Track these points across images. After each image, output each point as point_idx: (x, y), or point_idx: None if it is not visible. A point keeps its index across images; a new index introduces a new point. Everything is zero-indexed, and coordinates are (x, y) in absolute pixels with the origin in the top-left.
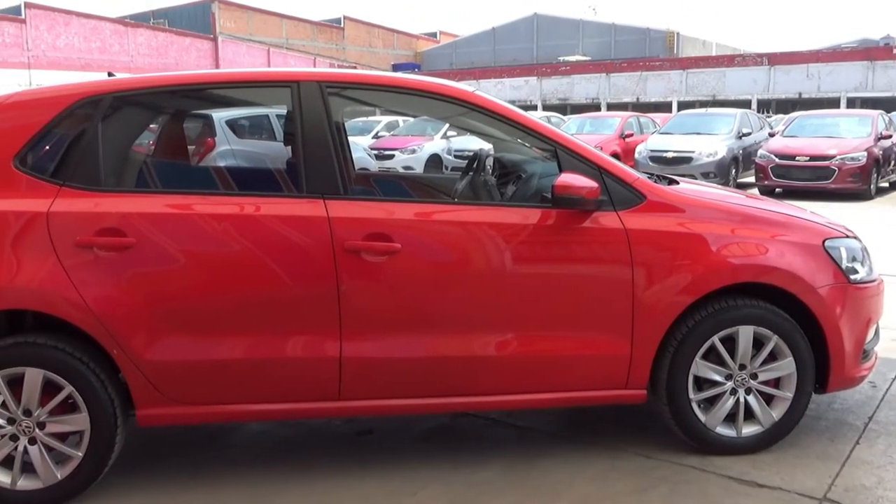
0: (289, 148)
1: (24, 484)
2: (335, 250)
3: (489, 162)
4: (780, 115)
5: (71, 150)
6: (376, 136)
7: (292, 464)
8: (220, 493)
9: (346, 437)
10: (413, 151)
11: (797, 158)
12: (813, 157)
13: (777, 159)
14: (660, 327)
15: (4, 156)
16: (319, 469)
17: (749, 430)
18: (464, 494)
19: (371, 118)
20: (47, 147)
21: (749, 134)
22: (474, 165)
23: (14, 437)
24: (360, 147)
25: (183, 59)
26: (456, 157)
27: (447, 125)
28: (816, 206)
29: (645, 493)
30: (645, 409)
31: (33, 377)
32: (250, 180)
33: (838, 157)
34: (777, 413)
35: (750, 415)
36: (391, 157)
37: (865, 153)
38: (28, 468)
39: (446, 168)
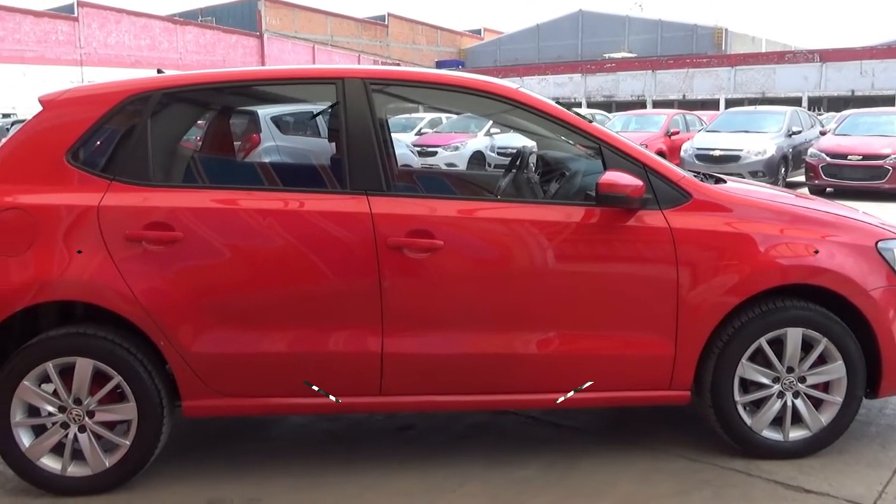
0: (333, 144)
1: (74, 471)
2: (378, 246)
3: (532, 159)
4: (832, 113)
5: (121, 146)
6: (419, 133)
7: (333, 457)
8: (261, 483)
9: (386, 431)
10: (456, 148)
11: (849, 157)
12: (866, 156)
13: (828, 158)
14: (705, 328)
15: (57, 151)
16: (360, 463)
17: (796, 434)
18: (503, 492)
19: (414, 115)
20: (98, 142)
21: (799, 132)
22: (517, 163)
23: (65, 425)
24: (404, 144)
25: (230, 56)
26: (499, 154)
27: (491, 122)
28: (869, 207)
29: (688, 495)
30: (689, 410)
31: (84, 367)
32: (294, 176)
33: (892, 156)
34: (826, 417)
35: (797, 419)
36: (434, 153)
37: None
38: (78, 455)
39: (489, 165)
